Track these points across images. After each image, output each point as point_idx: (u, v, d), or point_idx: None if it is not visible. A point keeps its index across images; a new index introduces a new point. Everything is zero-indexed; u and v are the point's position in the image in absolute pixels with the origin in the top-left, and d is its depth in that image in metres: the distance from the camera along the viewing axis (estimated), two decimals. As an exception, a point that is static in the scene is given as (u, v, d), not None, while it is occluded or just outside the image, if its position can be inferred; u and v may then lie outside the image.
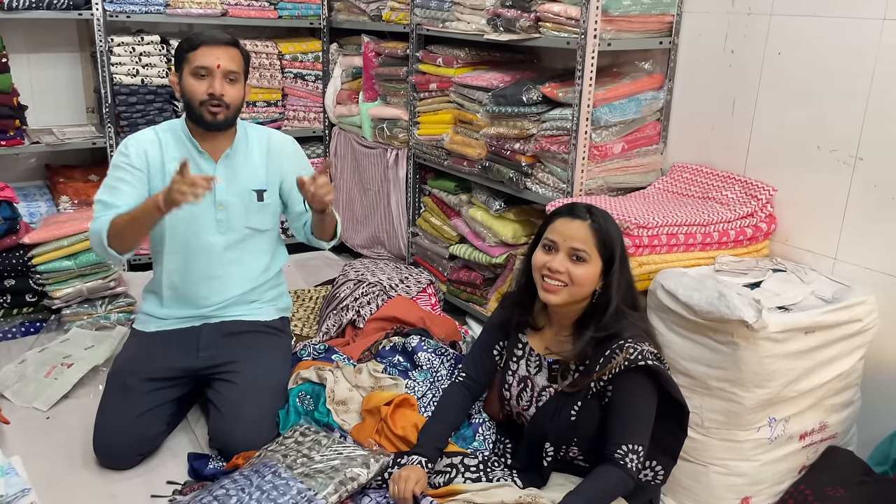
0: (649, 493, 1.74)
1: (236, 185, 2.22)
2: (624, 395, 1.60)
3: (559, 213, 1.70)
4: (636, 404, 1.60)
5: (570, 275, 1.64)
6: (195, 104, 2.11)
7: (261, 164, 2.26)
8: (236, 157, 2.23)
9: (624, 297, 1.66)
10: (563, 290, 1.65)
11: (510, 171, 2.64)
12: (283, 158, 2.30)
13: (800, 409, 1.89)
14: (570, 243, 1.64)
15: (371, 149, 3.57)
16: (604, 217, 1.68)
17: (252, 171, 2.25)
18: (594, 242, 1.64)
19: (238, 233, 2.23)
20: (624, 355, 1.58)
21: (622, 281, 1.66)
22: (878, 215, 2.00)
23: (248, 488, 1.73)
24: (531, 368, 1.80)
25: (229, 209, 2.21)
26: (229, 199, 2.21)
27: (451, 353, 2.29)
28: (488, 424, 1.97)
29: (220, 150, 2.20)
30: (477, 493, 1.64)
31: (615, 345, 1.61)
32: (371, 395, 2.03)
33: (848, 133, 2.04)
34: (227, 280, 2.24)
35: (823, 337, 1.84)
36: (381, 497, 1.72)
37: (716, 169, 2.39)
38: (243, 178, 2.23)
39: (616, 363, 1.58)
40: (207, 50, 2.09)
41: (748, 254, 2.21)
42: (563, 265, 1.64)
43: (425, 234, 3.32)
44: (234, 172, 2.22)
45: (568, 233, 1.65)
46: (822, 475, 1.90)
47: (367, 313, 2.67)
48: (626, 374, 1.58)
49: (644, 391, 1.61)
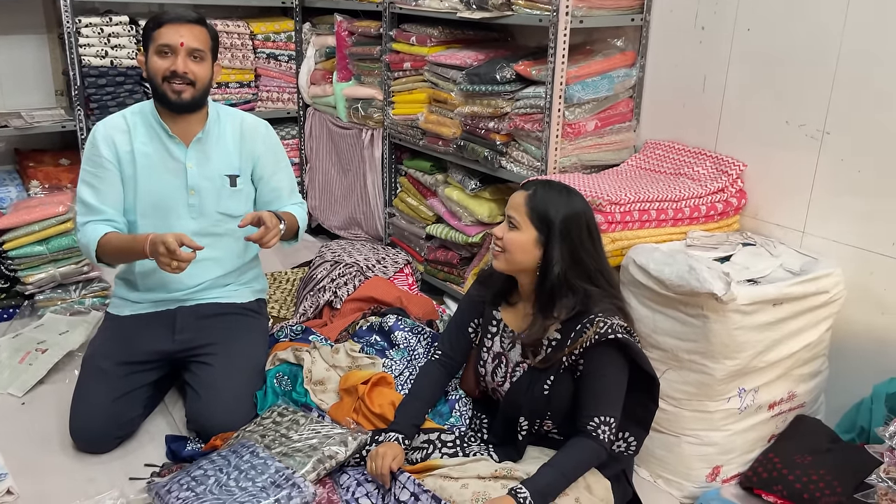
0: (622, 463, 1.78)
1: (208, 170, 2.20)
2: (595, 368, 1.63)
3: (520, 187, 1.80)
4: (607, 377, 1.64)
5: (504, 240, 1.72)
6: (158, 81, 2.08)
7: (234, 149, 2.24)
8: (208, 142, 2.20)
9: (571, 270, 1.68)
10: (501, 256, 1.74)
11: (485, 149, 2.65)
12: (256, 143, 2.27)
13: (768, 379, 1.94)
14: (508, 211, 1.74)
15: (346, 129, 3.55)
16: (548, 192, 1.71)
17: (225, 156, 2.22)
18: (526, 211, 1.70)
19: (210, 218, 2.21)
20: (594, 329, 1.61)
21: (564, 253, 1.67)
22: (844, 189, 2.04)
23: (226, 468, 1.74)
24: (505, 344, 1.82)
25: (201, 194, 2.19)
26: (201, 184, 2.19)
27: (427, 331, 2.31)
28: (465, 401, 1.99)
29: (192, 133, 2.18)
30: (454, 468, 1.66)
31: (585, 319, 1.64)
32: (348, 375, 2.05)
33: (816, 108, 2.07)
34: (201, 265, 2.22)
35: (791, 308, 1.88)
36: (359, 474, 1.74)
37: (687, 145, 2.42)
38: (215, 163, 2.21)
39: (586, 337, 1.61)
40: (172, 28, 2.07)
41: (719, 228, 2.24)
42: (501, 231, 1.74)
43: (402, 215, 3.32)
44: (205, 157, 2.20)
45: (511, 202, 1.75)
46: (790, 443, 1.95)
47: (345, 294, 2.68)
48: (597, 348, 1.62)
49: (615, 364, 1.64)
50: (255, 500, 1.59)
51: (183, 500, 1.65)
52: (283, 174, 2.34)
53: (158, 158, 2.16)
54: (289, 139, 3.92)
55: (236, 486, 1.67)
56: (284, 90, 3.84)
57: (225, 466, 1.75)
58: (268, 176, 2.29)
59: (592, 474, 1.66)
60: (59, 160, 3.46)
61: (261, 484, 1.66)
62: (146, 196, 2.15)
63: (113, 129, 2.15)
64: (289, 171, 2.38)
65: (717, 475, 1.94)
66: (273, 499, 1.59)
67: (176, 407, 2.26)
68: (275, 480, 1.66)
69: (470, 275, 2.91)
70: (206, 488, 1.68)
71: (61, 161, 3.45)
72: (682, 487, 1.94)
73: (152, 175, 2.15)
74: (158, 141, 2.16)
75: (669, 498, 1.94)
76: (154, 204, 2.15)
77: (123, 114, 2.20)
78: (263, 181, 2.29)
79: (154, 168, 2.15)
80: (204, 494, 1.66)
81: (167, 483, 1.75)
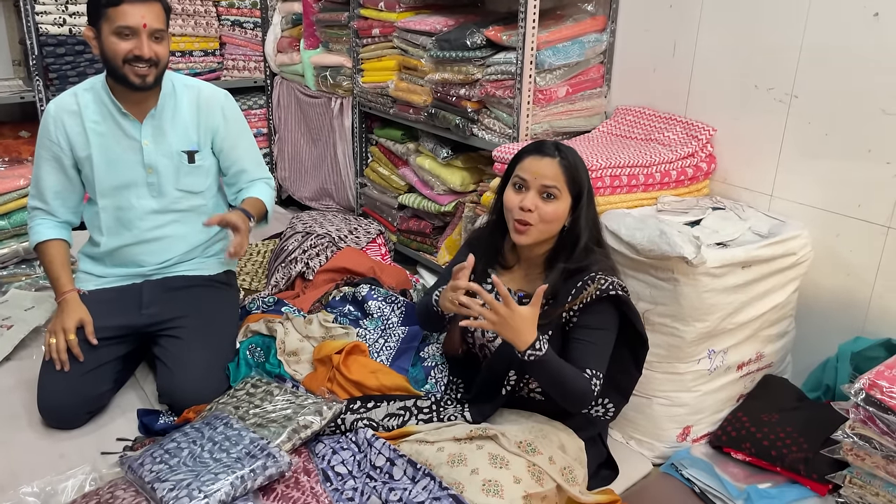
0: (598, 427, 1.81)
1: (165, 147, 2.14)
2: (592, 322, 1.64)
3: (527, 150, 1.72)
4: (601, 332, 1.65)
5: (540, 213, 1.65)
6: (118, 63, 2.00)
7: (191, 123, 2.17)
8: (163, 117, 2.13)
9: (591, 233, 1.70)
10: (533, 230, 1.67)
11: (456, 117, 2.63)
12: (213, 114, 2.19)
13: (737, 340, 1.97)
14: (541, 181, 1.65)
15: (315, 98, 3.50)
16: (572, 153, 1.70)
17: (182, 131, 2.15)
18: (564, 179, 1.66)
19: (171, 196, 2.16)
20: (596, 286, 1.62)
21: (589, 216, 1.70)
22: (811, 151, 2.07)
23: (200, 440, 1.73)
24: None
25: (159, 172, 2.13)
26: (159, 162, 2.13)
27: (401, 300, 2.31)
28: (441, 367, 2.01)
29: (146, 109, 2.11)
30: (430, 433, 1.67)
31: (587, 276, 1.64)
32: (322, 345, 2.04)
33: (784, 72, 2.09)
34: (166, 242, 2.19)
35: (759, 271, 1.91)
36: (334, 443, 1.75)
37: (658, 111, 2.43)
38: (172, 139, 2.14)
39: (588, 293, 1.62)
40: (131, 7, 1.95)
41: (689, 193, 2.26)
42: (533, 203, 1.65)
43: (373, 185, 3.30)
44: (161, 133, 2.13)
45: (538, 171, 1.66)
46: (758, 402, 1.99)
47: (317, 265, 2.67)
48: (596, 304, 1.62)
49: (611, 322, 1.66)
50: (230, 471, 1.59)
51: (156, 472, 1.64)
52: (245, 146, 2.28)
53: (113, 137, 2.10)
54: (256, 109, 3.85)
55: (210, 458, 1.66)
56: (250, 58, 3.76)
57: (199, 438, 1.74)
58: (228, 148, 2.24)
59: (567, 434, 1.68)
60: (19, 132, 3.36)
61: (235, 455, 1.65)
62: (104, 176, 2.11)
63: (62, 111, 2.09)
64: (251, 142, 2.32)
65: (687, 435, 1.98)
66: (248, 469, 1.59)
67: (147, 381, 2.24)
68: (249, 451, 1.66)
69: (443, 244, 2.90)
70: (180, 460, 1.67)
71: (21, 133, 3.36)
72: (654, 448, 1.98)
73: (108, 155, 2.10)
74: (112, 119, 2.09)
75: (641, 458, 1.98)
76: (112, 184, 2.11)
77: (75, 91, 2.12)
78: (224, 154, 2.24)
79: (109, 147, 2.10)
80: (178, 466, 1.65)
81: (140, 456, 1.74)
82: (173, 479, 1.56)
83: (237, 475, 1.56)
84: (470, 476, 1.51)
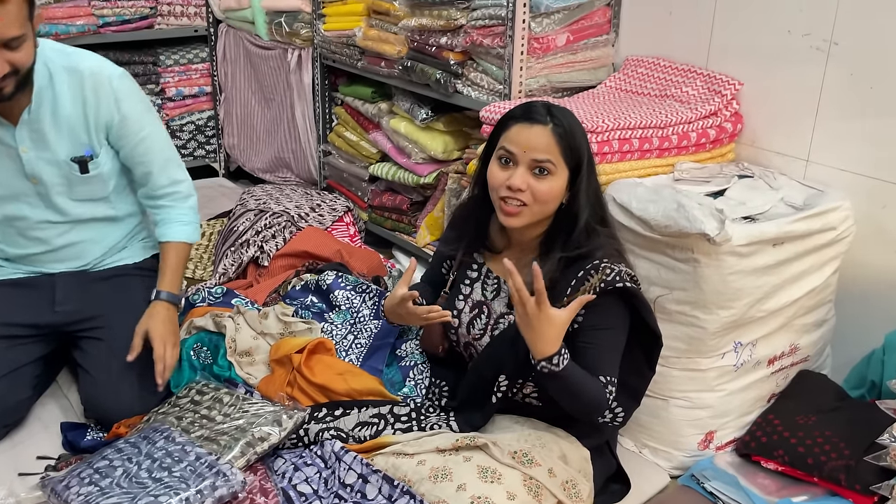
0: (606, 434, 1.83)
1: (48, 154, 2.04)
2: (598, 320, 1.64)
3: (513, 116, 1.68)
4: (610, 332, 1.65)
5: (533, 192, 1.63)
6: None
7: (77, 121, 2.04)
8: (41, 117, 2.00)
9: (592, 210, 1.69)
10: (525, 211, 1.65)
11: (436, 71, 2.63)
12: (103, 105, 2.05)
13: (768, 331, 2.00)
14: (532, 154, 1.62)
15: (268, 50, 3.48)
16: (566, 116, 1.67)
17: (67, 134, 2.04)
18: (559, 149, 1.63)
19: (66, 206, 2.11)
20: (600, 276, 1.61)
21: (590, 190, 1.69)
22: (854, 108, 2.09)
23: (137, 457, 1.74)
24: (488, 293, 1.83)
25: (45, 182, 2.06)
26: (42, 171, 2.04)
27: (373, 289, 2.31)
28: (421, 367, 2.01)
29: (18, 109, 1.97)
30: (408, 444, 1.68)
31: (589, 265, 1.64)
32: (280, 343, 2.05)
33: (822, 14, 2.10)
34: (77, 248, 2.17)
35: (793, 249, 1.93)
36: (296, 458, 1.76)
37: (674, 62, 2.44)
38: (56, 146, 2.03)
39: (591, 285, 1.61)
40: None
41: (711, 159, 2.28)
42: (523, 181, 1.62)
43: (339, 153, 3.29)
44: (41, 138, 2.02)
45: (527, 142, 1.63)
46: (792, 403, 2.02)
47: (273, 248, 2.67)
48: (602, 298, 1.61)
49: (620, 319, 1.66)
50: (172, 493, 1.59)
51: (85, 496, 1.65)
52: (148, 143, 2.15)
53: None
54: (197, 63, 3.83)
55: (149, 478, 1.67)
56: (190, 3, 3.74)
57: (135, 455, 1.75)
58: (127, 147, 2.12)
59: (569, 442, 1.70)
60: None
61: (179, 473, 1.66)
62: None
63: None
64: (158, 135, 2.19)
65: (710, 442, 2.01)
66: (194, 489, 1.60)
67: (72, 389, 2.23)
68: (195, 469, 1.67)
69: (423, 223, 2.91)
70: (113, 481, 1.68)
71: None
72: (671, 457, 2.01)
73: None
74: None
75: (657, 470, 2.00)
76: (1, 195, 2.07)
77: None
78: (123, 152, 2.14)
79: None
80: (110, 488, 1.66)
81: (65, 477, 1.74)
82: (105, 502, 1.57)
83: (181, 497, 1.57)
84: (456, 493, 1.52)
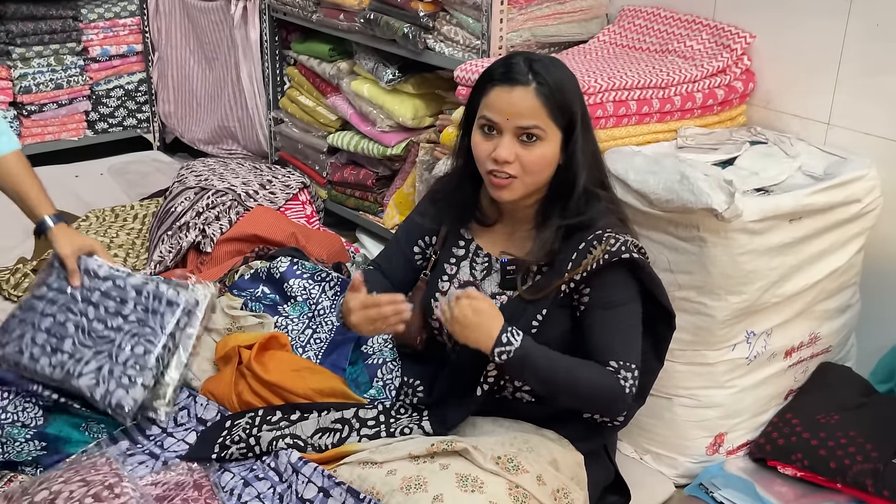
0: (603, 437, 1.85)
1: None
2: (606, 297, 1.66)
3: (491, 78, 1.68)
4: (622, 309, 1.67)
5: (522, 162, 1.64)
6: None
7: None
8: None
9: (590, 172, 1.71)
10: (516, 182, 1.66)
11: (404, 24, 2.63)
12: None
13: (785, 318, 2.03)
14: (516, 121, 1.63)
15: (208, 1, 3.46)
16: (553, 69, 1.67)
17: None
18: (547, 111, 1.64)
19: None
20: (604, 247, 1.63)
21: (587, 150, 1.70)
22: (881, 64, 2.11)
23: (75, 306, 1.83)
24: (477, 272, 1.83)
25: None
26: None
27: (334, 276, 2.32)
28: (390, 365, 2.02)
29: None
30: (376, 451, 1.69)
31: (591, 236, 1.66)
32: (227, 338, 2.06)
33: (843, -44, 2.13)
34: None
35: (813, 224, 1.96)
36: (246, 472, 1.77)
37: (677, 12, 2.45)
38: None
39: (594, 257, 1.63)
40: None
41: (719, 123, 2.30)
42: (510, 152, 1.63)
43: (293, 120, 3.29)
44: None
45: (510, 107, 1.63)
46: (813, 399, 2.06)
47: (217, 232, 2.66)
48: (606, 272, 1.64)
49: (631, 293, 1.68)
50: (145, 341, 1.76)
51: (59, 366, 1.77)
52: None
53: None
54: (125, 18, 3.80)
55: (106, 328, 1.79)
56: (116, -53, 3.70)
57: (73, 304, 1.83)
58: None
59: (561, 446, 1.72)
60: None
61: (133, 317, 1.79)
62: None
63: None
64: None
65: (719, 445, 2.04)
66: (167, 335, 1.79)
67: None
68: (146, 306, 1.78)
69: (391, 200, 2.92)
70: (74, 341, 1.79)
71: None
72: (676, 464, 2.04)
73: None
74: None
75: (660, 478, 2.04)
76: None
77: None
78: None
79: None
80: (78, 351, 1.78)
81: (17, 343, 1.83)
82: (88, 370, 1.69)
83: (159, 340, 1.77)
84: (432, 505, 1.54)
